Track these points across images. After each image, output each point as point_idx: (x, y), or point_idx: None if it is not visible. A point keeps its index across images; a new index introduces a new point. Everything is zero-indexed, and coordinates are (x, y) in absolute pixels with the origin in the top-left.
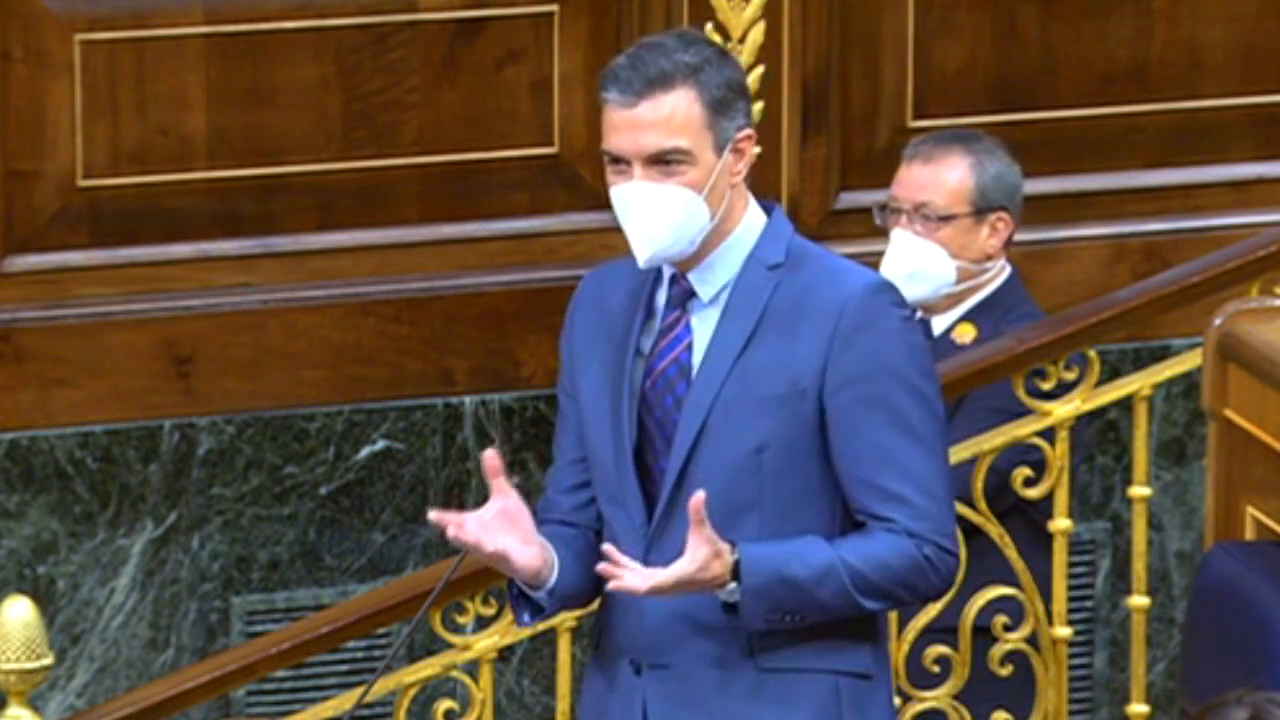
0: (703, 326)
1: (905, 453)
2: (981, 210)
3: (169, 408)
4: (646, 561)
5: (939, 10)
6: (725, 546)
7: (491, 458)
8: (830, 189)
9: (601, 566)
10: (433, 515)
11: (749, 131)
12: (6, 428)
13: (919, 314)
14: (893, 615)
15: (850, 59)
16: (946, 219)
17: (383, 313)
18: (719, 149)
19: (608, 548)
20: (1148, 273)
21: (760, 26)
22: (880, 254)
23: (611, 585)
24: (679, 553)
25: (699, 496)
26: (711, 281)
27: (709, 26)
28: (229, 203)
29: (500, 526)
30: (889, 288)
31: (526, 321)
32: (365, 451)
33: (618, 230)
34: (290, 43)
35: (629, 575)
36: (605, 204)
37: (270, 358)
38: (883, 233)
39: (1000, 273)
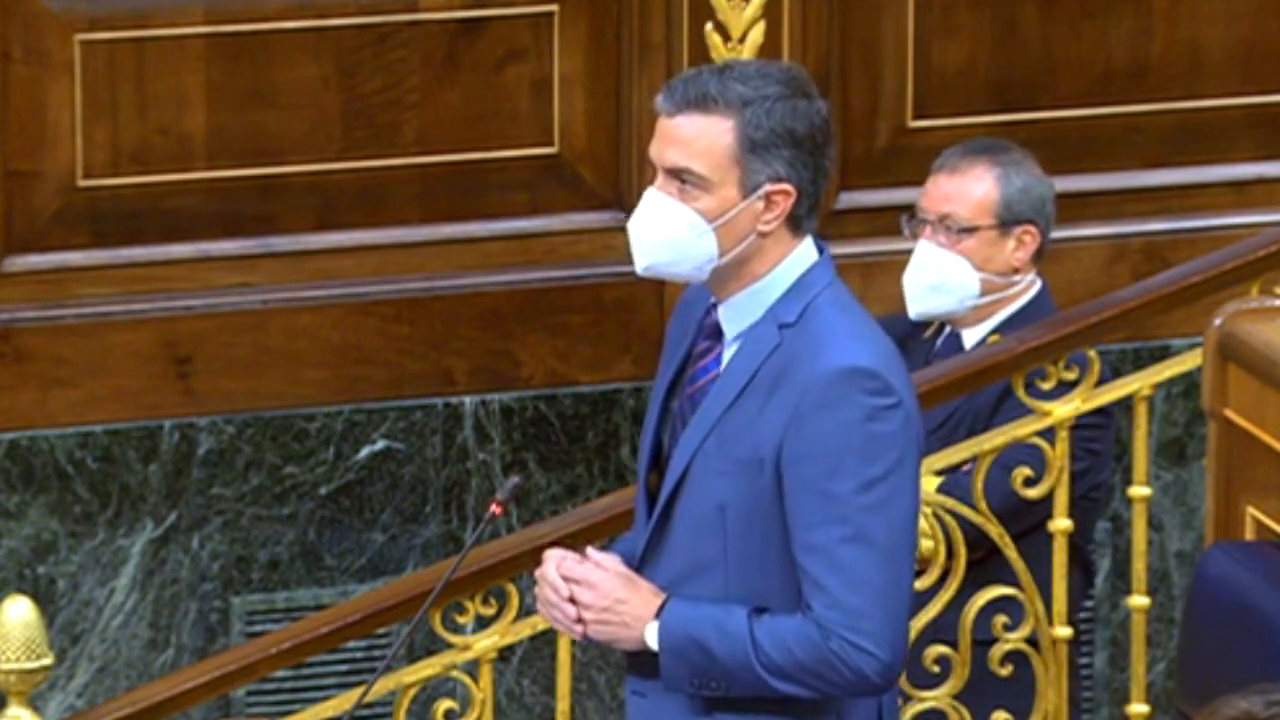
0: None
1: (833, 542)
2: (1006, 223)
3: (169, 408)
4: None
5: (939, 10)
6: (657, 594)
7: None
8: (830, 189)
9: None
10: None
11: (786, 187)
12: (6, 428)
13: (947, 328)
14: None
15: (850, 59)
16: (970, 230)
17: (383, 313)
18: (745, 188)
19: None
20: (1148, 273)
21: (760, 26)
22: (879, 253)
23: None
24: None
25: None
26: (736, 321)
27: (709, 26)
28: (229, 203)
29: None
30: (864, 373)
31: (526, 321)
32: (365, 451)
33: (618, 230)
34: (290, 43)
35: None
36: (605, 204)
37: (270, 358)
38: (882, 233)
39: (1030, 286)
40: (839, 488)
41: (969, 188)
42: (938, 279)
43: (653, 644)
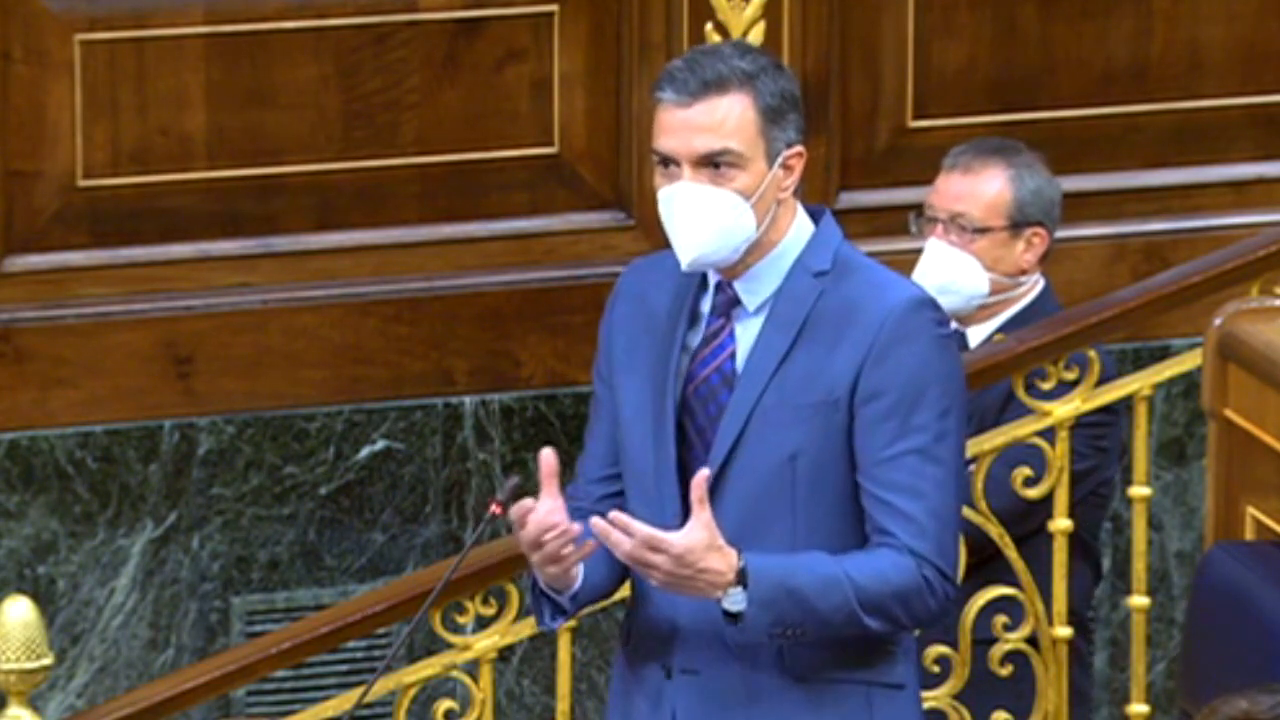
0: (746, 335)
1: (917, 472)
2: (1018, 224)
3: (169, 408)
4: None
5: (939, 10)
6: (729, 549)
7: (549, 458)
8: (830, 189)
9: (596, 523)
10: (515, 509)
11: (799, 149)
12: (6, 428)
13: (954, 325)
14: None
15: (850, 59)
16: (982, 231)
17: (383, 313)
18: (770, 159)
19: (617, 515)
20: (1148, 273)
21: (760, 26)
22: (879, 253)
23: (601, 534)
24: None
25: (701, 474)
26: (757, 291)
27: (709, 26)
28: (229, 203)
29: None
30: (930, 304)
31: (526, 321)
32: (365, 451)
33: (618, 230)
34: (290, 43)
35: (620, 535)
36: (605, 204)
37: (270, 358)
38: (882, 233)
39: (1034, 286)
40: (920, 417)
41: (982, 188)
42: (948, 278)
43: (731, 605)
